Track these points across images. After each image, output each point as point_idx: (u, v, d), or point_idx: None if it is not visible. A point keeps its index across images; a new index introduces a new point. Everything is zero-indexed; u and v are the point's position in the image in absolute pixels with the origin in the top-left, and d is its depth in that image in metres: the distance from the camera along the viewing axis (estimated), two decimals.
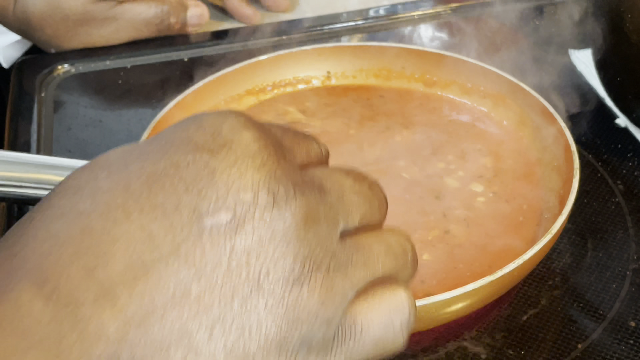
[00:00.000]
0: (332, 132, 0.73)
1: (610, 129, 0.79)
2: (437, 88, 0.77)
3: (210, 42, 0.93)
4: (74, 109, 0.84)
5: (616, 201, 0.71)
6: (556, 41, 0.92)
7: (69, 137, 0.80)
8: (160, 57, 0.92)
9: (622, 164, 0.75)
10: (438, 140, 0.72)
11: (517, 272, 0.55)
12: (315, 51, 0.79)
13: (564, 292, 0.63)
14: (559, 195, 0.63)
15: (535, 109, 0.69)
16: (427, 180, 0.67)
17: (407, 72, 0.78)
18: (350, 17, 0.96)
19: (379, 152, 0.71)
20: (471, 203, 0.65)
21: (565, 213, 0.58)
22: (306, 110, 0.76)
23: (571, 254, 0.66)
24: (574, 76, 0.86)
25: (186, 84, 0.75)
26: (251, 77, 0.77)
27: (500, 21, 0.96)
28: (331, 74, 0.79)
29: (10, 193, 0.61)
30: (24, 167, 0.60)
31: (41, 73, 0.88)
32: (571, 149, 0.63)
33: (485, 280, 0.53)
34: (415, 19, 0.97)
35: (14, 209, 0.72)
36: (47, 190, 0.63)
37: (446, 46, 0.93)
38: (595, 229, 0.68)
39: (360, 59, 0.79)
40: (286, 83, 0.78)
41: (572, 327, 0.61)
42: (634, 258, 0.66)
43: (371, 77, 0.79)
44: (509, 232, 0.63)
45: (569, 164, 0.62)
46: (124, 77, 0.89)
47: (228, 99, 0.76)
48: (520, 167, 0.68)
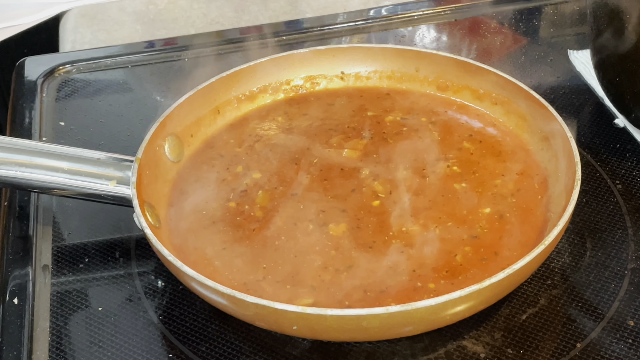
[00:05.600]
0: (348, 133, 0.74)
1: (609, 129, 0.79)
2: (450, 92, 0.77)
3: (210, 42, 0.93)
4: (74, 109, 0.84)
5: (615, 201, 0.71)
6: (555, 41, 0.93)
7: (70, 137, 0.80)
8: (160, 57, 0.92)
9: (621, 164, 0.75)
10: (446, 144, 0.72)
11: (506, 281, 0.55)
12: (330, 51, 0.79)
13: (563, 291, 0.63)
14: (560, 204, 0.64)
15: (544, 119, 0.69)
16: (432, 185, 0.68)
17: (421, 75, 0.78)
18: (350, 18, 0.96)
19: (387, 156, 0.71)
20: (478, 208, 0.65)
21: (562, 224, 0.58)
22: (321, 110, 0.77)
23: (570, 254, 0.66)
24: (573, 76, 0.86)
25: (186, 84, 0.75)
26: (264, 75, 0.77)
27: (499, 21, 0.97)
28: (345, 74, 0.79)
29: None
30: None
31: (42, 73, 0.89)
32: (575, 159, 0.63)
33: (472, 288, 0.53)
34: (415, 19, 0.97)
35: (14, 209, 0.72)
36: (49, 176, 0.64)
37: (446, 46, 0.93)
38: (594, 228, 0.69)
39: (374, 61, 0.79)
40: (298, 83, 0.79)
41: (571, 326, 0.61)
42: (632, 257, 0.66)
43: (384, 79, 0.79)
44: (511, 239, 0.63)
45: (571, 176, 0.62)
46: (124, 77, 0.89)
47: (240, 96, 0.76)
48: (526, 176, 0.68)
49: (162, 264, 0.65)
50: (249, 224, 0.65)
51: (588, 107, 0.80)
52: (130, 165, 0.65)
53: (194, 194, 0.68)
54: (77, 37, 0.99)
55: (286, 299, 0.58)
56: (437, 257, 0.61)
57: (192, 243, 0.64)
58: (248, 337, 0.61)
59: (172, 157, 0.70)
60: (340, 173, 0.69)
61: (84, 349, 0.60)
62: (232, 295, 0.54)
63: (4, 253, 0.68)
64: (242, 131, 0.75)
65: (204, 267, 0.61)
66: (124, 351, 0.60)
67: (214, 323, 0.62)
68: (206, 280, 0.55)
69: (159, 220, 0.64)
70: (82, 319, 0.62)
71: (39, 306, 0.63)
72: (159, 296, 0.64)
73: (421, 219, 0.64)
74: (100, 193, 0.65)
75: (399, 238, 0.63)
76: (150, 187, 0.65)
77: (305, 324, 0.54)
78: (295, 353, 0.59)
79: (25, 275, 0.66)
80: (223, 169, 0.71)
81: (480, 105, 0.76)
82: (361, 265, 0.61)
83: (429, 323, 0.56)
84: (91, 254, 0.68)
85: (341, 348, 0.60)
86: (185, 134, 0.72)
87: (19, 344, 0.60)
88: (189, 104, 0.72)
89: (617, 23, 0.72)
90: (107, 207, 0.67)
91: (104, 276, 0.66)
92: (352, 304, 0.58)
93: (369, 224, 0.64)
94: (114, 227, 0.70)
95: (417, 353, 0.59)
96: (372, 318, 0.53)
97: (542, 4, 0.98)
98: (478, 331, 0.60)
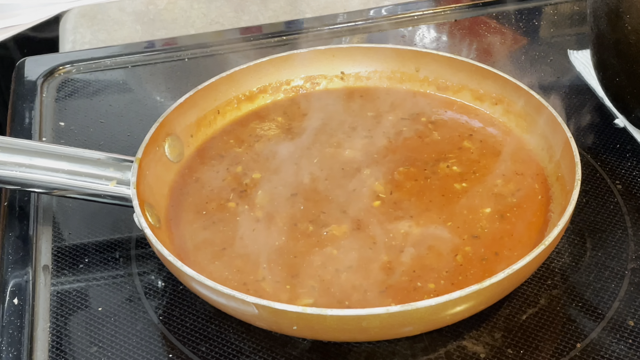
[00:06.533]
0: (348, 133, 0.74)
1: (609, 129, 0.79)
2: (450, 92, 0.77)
3: (210, 42, 0.93)
4: (74, 110, 0.84)
5: (615, 201, 0.71)
6: (555, 41, 0.93)
7: (70, 137, 0.80)
8: (160, 57, 0.92)
9: (621, 164, 0.75)
10: (446, 144, 0.72)
11: (506, 281, 0.55)
12: (330, 51, 0.79)
13: (563, 291, 0.63)
14: (561, 204, 0.64)
15: (544, 119, 0.69)
16: (432, 185, 0.68)
17: (421, 75, 0.78)
18: (350, 18, 0.96)
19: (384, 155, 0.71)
20: (478, 208, 0.65)
21: (562, 224, 0.58)
22: (321, 110, 0.77)
23: (570, 254, 0.66)
24: (573, 76, 0.86)
25: (186, 84, 0.75)
26: (264, 75, 0.77)
27: (499, 21, 0.97)
28: (345, 74, 0.79)
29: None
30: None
31: (42, 73, 0.89)
32: (575, 159, 0.63)
33: (472, 288, 0.53)
34: (415, 19, 0.97)
35: (14, 209, 0.72)
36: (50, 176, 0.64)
37: (446, 46, 0.93)
38: (594, 228, 0.69)
39: (374, 61, 0.79)
40: (298, 83, 0.79)
41: (571, 326, 0.61)
42: (632, 257, 0.66)
43: (384, 79, 0.79)
44: (513, 238, 0.63)
45: (571, 176, 0.62)
46: (124, 77, 0.89)
47: (240, 96, 0.76)
48: (526, 176, 0.68)
49: (162, 264, 0.65)
50: (249, 224, 0.65)
51: (588, 107, 0.80)
52: (130, 166, 0.65)
53: (194, 194, 0.68)
54: (77, 37, 0.99)
55: (286, 299, 0.58)
56: (437, 257, 0.61)
57: (192, 243, 0.64)
58: (248, 337, 0.61)
59: (172, 157, 0.70)
60: (340, 173, 0.69)
61: (84, 349, 0.60)
62: (232, 295, 0.54)
63: (4, 253, 0.68)
64: (242, 131, 0.75)
65: (204, 267, 0.61)
66: (124, 351, 0.60)
67: (214, 323, 0.62)
68: (206, 280, 0.55)
69: (159, 220, 0.64)
70: (82, 319, 0.62)
71: (39, 306, 0.63)
72: (159, 296, 0.64)
73: (421, 219, 0.64)
74: (100, 193, 0.65)
75: (399, 238, 0.63)
76: (150, 187, 0.65)
77: (305, 324, 0.54)
78: (295, 353, 0.59)
79: (25, 275, 0.66)
80: (223, 169, 0.71)
81: (480, 105, 0.76)
82: (361, 266, 0.61)
83: (429, 323, 0.56)
84: (91, 254, 0.68)
85: (341, 348, 0.60)
86: (185, 134, 0.72)
87: (19, 344, 0.60)
88: (189, 104, 0.72)
89: (617, 23, 0.72)
90: (107, 207, 0.67)
91: (104, 276, 0.66)
92: (352, 304, 0.58)
93: (370, 224, 0.64)
94: (114, 227, 0.70)
95: (417, 353, 0.59)
96: (372, 318, 0.53)
97: (542, 4, 0.98)
98: (478, 331, 0.60)
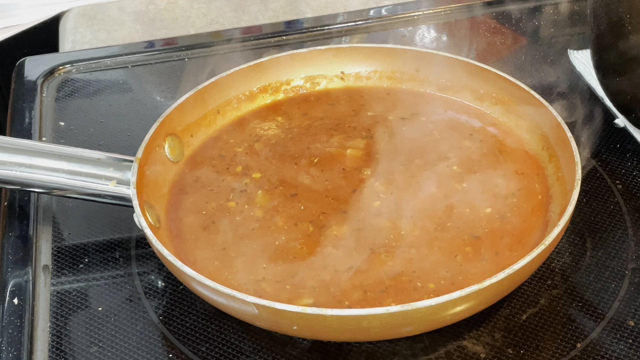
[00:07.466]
0: (348, 133, 0.74)
1: (609, 129, 0.79)
2: (450, 92, 0.77)
3: (210, 42, 0.93)
4: (74, 109, 0.84)
5: (615, 201, 0.71)
6: (555, 41, 0.93)
7: (70, 137, 0.80)
8: (160, 57, 0.92)
9: (621, 164, 0.75)
10: (446, 144, 0.72)
11: (506, 281, 0.55)
12: (330, 51, 0.79)
13: (563, 291, 0.63)
14: (561, 204, 0.64)
15: (544, 119, 0.69)
16: (432, 185, 0.68)
17: (421, 75, 0.78)
18: (350, 18, 0.96)
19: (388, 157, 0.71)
20: (478, 208, 0.65)
21: (562, 224, 0.58)
22: (321, 110, 0.77)
23: (570, 254, 0.66)
24: (573, 76, 0.86)
25: (186, 84, 0.75)
26: (264, 75, 0.77)
27: (499, 21, 0.97)
28: (345, 74, 0.79)
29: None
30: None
31: (42, 73, 0.89)
32: (575, 159, 0.63)
33: (472, 288, 0.53)
34: (415, 19, 0.97)
35: (14, 209, 0.72)
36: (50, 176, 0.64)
37: (446, 46, 0.93)
38: (594, 228, 0.69)
39: (374, 61, 0.79)
40: (298, 83, 0.79)
41: (571, 326, 0.61)
42: (632, 257, 0.66)
43: (384, 79, 0.79)
44: (513, 238, 0.63)
45: (571, 176, 0.62)
46: (124, 77, 0.89)
47: (240, 96, 0.76)
48: (526, 176, 0.68)
49: (162, 264, 0.65)
50: (249, 224, 0.65)
51: (588, 107, 0.80)
52: (130, 166, 0.65)
53: (193, 194, 0.68)
54: (77, 37, 0.99)
55: (286, 299, 0.58)
56: (437, 257, 0.61)
57: (192, 243, 0.64)
58: (248, 337, 0.61)
59: (172, 157, 0.70)
60: (341, 173, 0.69)
61: (84, 349, 0.60)
62: (232, 295, 0.54)
63: (4, 253, 0.68)
64: (242, 131, 0.75)
65: (204, 267, 0.61)
66: (124, 351, 0.60)
67: (214, 323, 0.62)
68: (206, 280, 0.55)
69: (159, 220, 0.64)
70: (82, 319, 0.62)
71: (39, 306, 0.63)
72: (159, 296, 0.64)
73: (422, 219, 0.64)
74: (100, 193, 0.65)
75: (399, 238, 0.63)
76: (150, 187, 0.65)
77: (305, 324, 0.54)
78: (295, 353, 0.59)
79: (25, 275, 0.66)
80: (223, 169, 0.71)
81: (481, 105, 0.76)
82: (361, 266, 0.61)
83: (429, 323, 0.56)
84: (91, 254, 0.68)
85: (341, 348, 0.60)
86: (185, 134, 0.72)
87: (19, 344, 0.60)
88: (189, 104, 0.72)
89: (617, 23, 0.72)
90: (107, 207, 0.67)
91: (103, 276, 0.66)
92: (352, 304, 0.58)
93: (370, 225, 0.64)
94: (114, 227, 0.70)
95: (417, 353, 0.59)
96: (372, 318, 0.53)
97: (542, 4, 0.98)
98: (478, 331, 0.60)
